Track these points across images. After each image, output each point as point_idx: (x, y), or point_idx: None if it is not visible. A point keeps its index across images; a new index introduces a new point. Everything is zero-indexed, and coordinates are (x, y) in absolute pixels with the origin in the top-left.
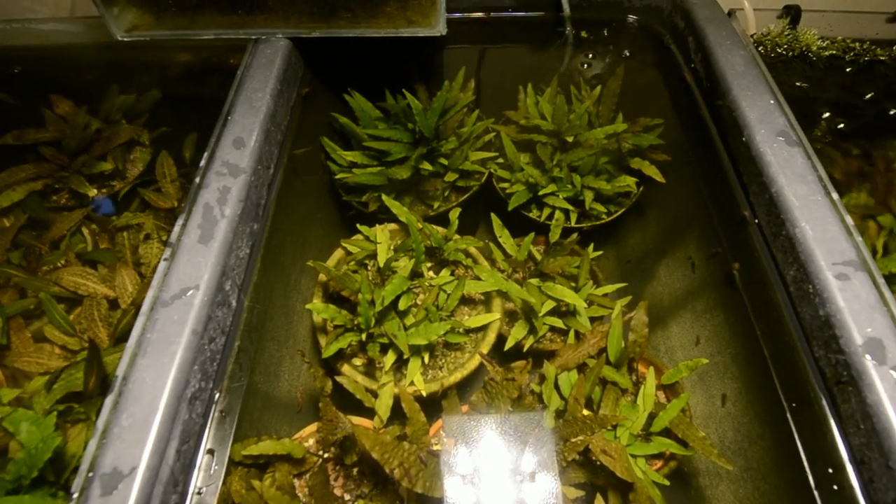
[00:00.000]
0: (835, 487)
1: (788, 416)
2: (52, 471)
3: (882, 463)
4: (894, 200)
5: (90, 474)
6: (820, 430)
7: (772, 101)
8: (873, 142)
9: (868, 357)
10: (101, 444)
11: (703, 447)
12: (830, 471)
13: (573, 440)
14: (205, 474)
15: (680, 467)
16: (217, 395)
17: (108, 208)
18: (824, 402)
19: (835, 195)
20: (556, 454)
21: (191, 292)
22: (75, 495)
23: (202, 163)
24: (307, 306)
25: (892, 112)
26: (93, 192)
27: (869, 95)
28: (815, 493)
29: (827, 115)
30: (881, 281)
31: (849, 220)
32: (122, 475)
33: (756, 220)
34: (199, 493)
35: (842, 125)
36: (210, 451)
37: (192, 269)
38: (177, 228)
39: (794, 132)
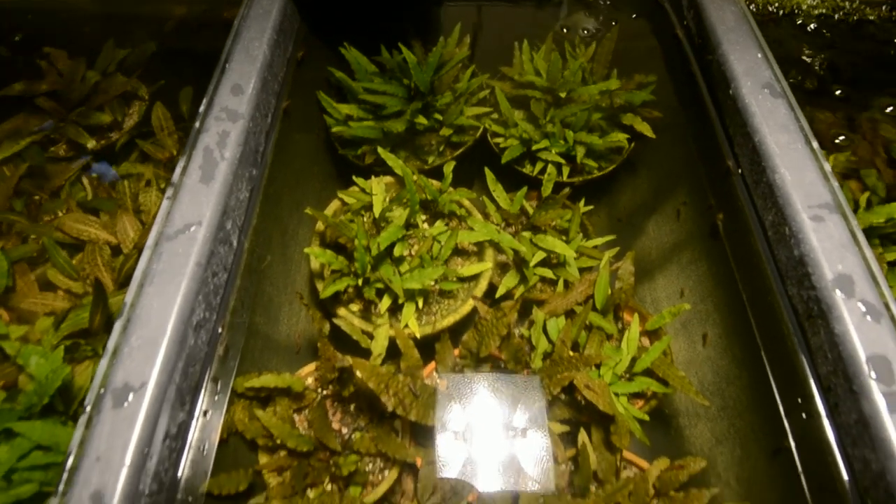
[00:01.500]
0: (803, 416)
1: (763, 354)
2: (61, 401)
3: (846, 388)
4: (879, 159)
5: (102, 390)
6: (791, 364)
7: (759, 55)
8: (859, 101)
9: (838, 291)
10: (111, 364)
11: (682, 385)
12: (800, 400)
13: (559, 376)
14: (210, 398)
15: (660, 408)
16: (220, 329)
17: (105, 170)
18: (796, 338)
19: (815, 143)
20: (543, 389)
21: (193, 228)
22: (88, 408)
23: (201, 108)
24: (305, 250)
25: (878, 71)
26: (91, 143)
27: (857, 54)
28: (785, 421)
29: (814, 73)
30: (854, 223)
31: (827, 166)
32: (133, 389)
33: (739, 170)
34: (205, 415)
35: (829, 84)
36: (214, 380)
37: (195, 206)
38: (178, 170)
39: (779, 84)
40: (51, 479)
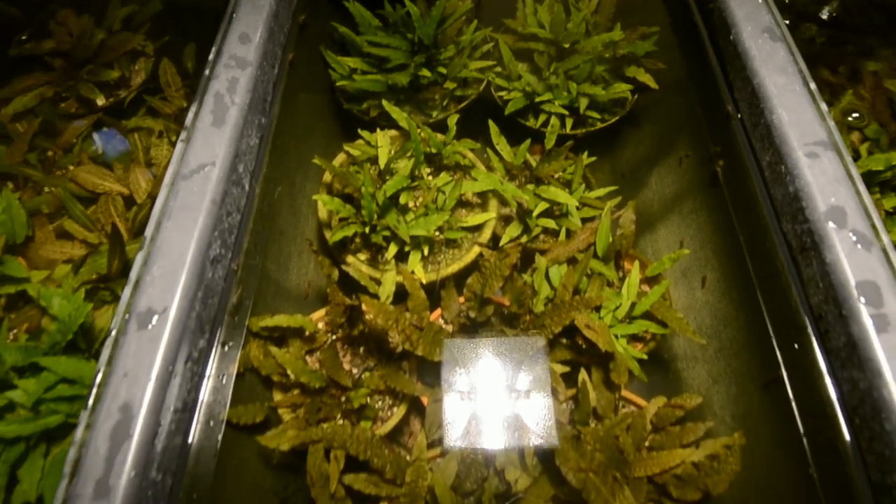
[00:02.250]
0: (796, 346)
1: (758, 293)
2: (83, 340)
3: (836, 313)
4: (881, 112)
5: (126, 315)
6: (784, 298)
7: (760, 0)
8: (863, 51)
9: (830, 223)
10: (134, 292)
11: (680, 326)
12: (792, 332)
13: (560, 317)
14: (227, 332)
15: (659, 353)
16: (235, 268)
17: (111, 140)
18: (789, 273)
19: (812, 85)
20: (544, 329)
21: (208, 168)
22: (114, 332)
23: (210, 56)
24: (314, 196)
25: (882, 20)
26: (101, 101)
27: (858, 4)
28: (779, 354)
29: (816, 26)
30: (848, 159)
31: (823, 107)
32: (157, 312)
33: (739, 115)
34: (223, 346)
35: (831, 35)
36: (231, 314)
37: (208, 148)
38: (190, 115)
39: (779, 28)
40: (76, 412)
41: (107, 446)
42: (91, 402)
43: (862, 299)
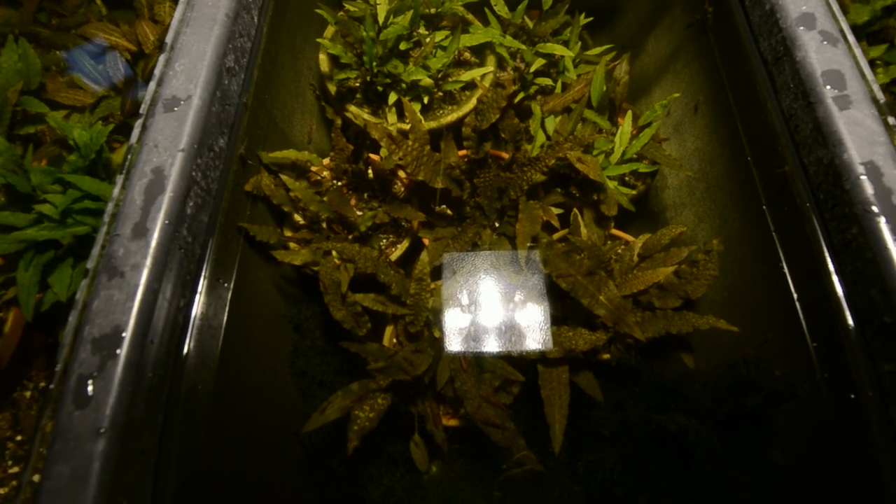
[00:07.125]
0: (773, 153)
1: (738, 122)
2: (102, 170)
3: (804, 105)
4: None
5: (152, 104)
6: (760, 113)
7: None
8: None
9: (801, 28)
10: (158, 85)
11: (667, 161)
12: (767, 140)
13: (553, 150)
14: (241, 148)
15: (649, 206)
16: (246, 102)
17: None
18: (766, 87)
19: None
20: (539, 163)
21: None
22: (143, 117)
23: None
24: (318, 39)
25: None
26: None
27: None
28: (754, 169)
29: None
30: None
31: None
32: (181, 99)
33: None
34: (240, 159)
35: None
36: (244, 142)
37: None
38: None
39: None
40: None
41: (142, 198)
42: (126, 163)
43: (827, 86)
